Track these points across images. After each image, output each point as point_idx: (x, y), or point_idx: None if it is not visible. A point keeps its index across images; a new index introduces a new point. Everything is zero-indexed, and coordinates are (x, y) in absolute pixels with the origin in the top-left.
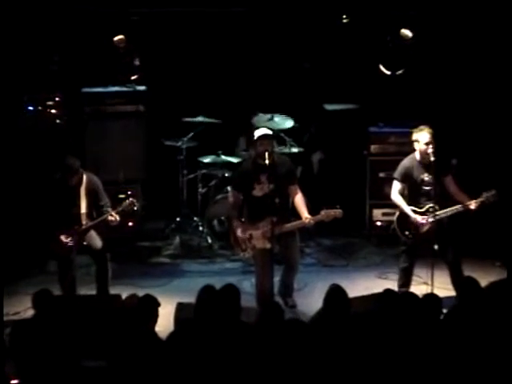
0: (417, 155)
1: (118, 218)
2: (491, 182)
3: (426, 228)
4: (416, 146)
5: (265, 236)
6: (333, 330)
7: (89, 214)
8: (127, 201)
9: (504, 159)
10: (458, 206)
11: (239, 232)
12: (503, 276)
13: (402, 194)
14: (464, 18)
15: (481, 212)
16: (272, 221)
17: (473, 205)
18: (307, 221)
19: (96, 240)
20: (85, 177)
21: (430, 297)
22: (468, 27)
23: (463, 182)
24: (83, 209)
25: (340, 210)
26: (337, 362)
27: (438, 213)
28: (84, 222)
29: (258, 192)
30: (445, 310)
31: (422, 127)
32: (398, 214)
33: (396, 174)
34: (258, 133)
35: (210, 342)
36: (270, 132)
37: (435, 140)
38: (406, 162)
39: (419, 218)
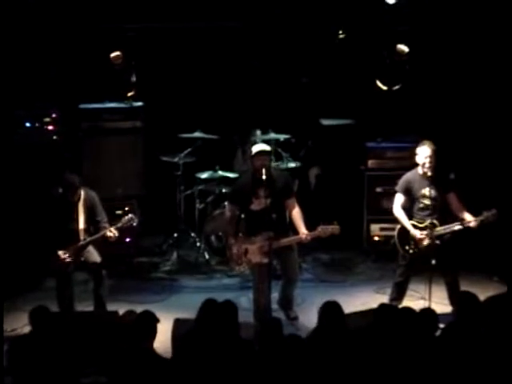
0: (419, 169)
1: (116, 234)
2: (488, 197)
3: (425, 244)
4: (417, 159)
5: (261, 251)
6: (329, 346)
7: (87, 230)
8: (126, 217)
9: (501, 174)
10: (458, 224)
11: (235, 246)
12: (501, 291)
13: (404, 207)
14: (460, 33)
15: (480, 229)
16: (269, 236)
17: (472, 223)
18: (304, 236)
19: (94, 255)
20: (83, 192)
21: (426, 312)
22: (465, 42)
23: (460, 196)
24: (81, 224)
25: (337, 227)
26: (334, 378)
27: (437, 229)
28: (82, 238)
29: (256, 206)
30: (442, 326)
31: (424, 141)
32: (398, 228)
33: (398, 187)
34: (255, 148)
35: (208, 358)
36: (268, 148)
37: (436, 156)
38: (408, 175)
39: (418, 234)
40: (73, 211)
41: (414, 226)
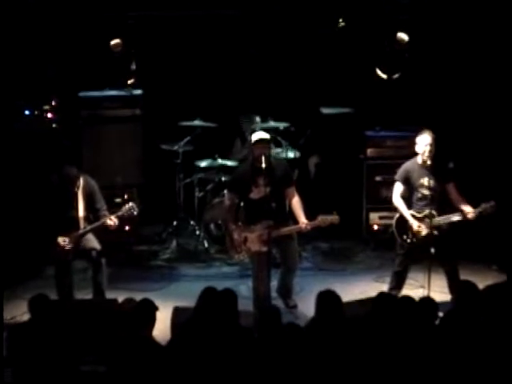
0: (418, 158)
1: (116, 223)
2: (487, 186)
3: (423, 234)
4: (416, 148)
5: (260, 239)
6: (327, 335)
7: (87, 217)
8: (127, 205)
9: (501, 163)
10: (456, 215)
11: (234, 234)
12: (500, 279)
13: (403, 197)
14: (461, 22)
15: (479, 219)
16: (269, 224)
17: (470, 214)
18: (304, 226)
19: (94, 243)
20: (82, 180)
21: (426, 300)
22: (465, 31)
23: (459, 186)
24: (81, 212)
25: (337, 217)
26: (332, 367)
27: (435, 219)
28: (82, 226)
29: (255, 195)
30: (441, 314)
31: (424, 130)
32: (397, 216)
33: (397, 176)
34: (254, 137)
35: (208, 346)
36: (267, 136)
37: (435, 145)
38: (407, 164)
39: (416, 224)
40: (72, 199)
41: (413, 216)
